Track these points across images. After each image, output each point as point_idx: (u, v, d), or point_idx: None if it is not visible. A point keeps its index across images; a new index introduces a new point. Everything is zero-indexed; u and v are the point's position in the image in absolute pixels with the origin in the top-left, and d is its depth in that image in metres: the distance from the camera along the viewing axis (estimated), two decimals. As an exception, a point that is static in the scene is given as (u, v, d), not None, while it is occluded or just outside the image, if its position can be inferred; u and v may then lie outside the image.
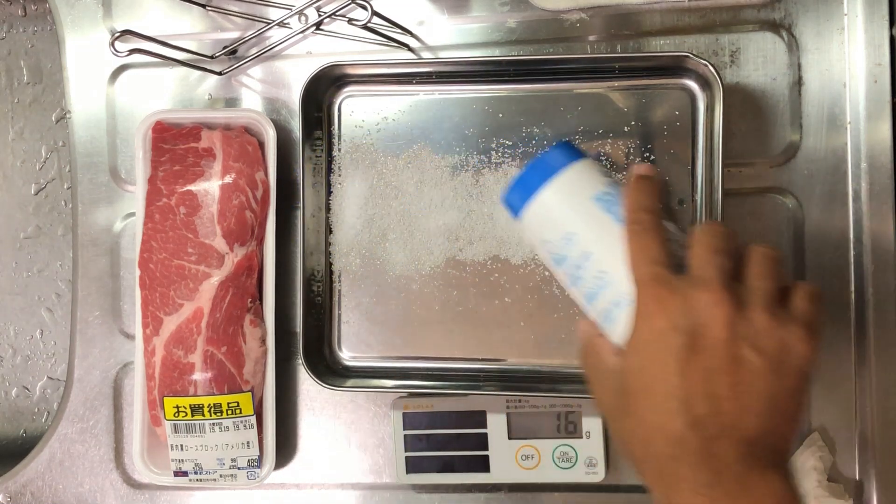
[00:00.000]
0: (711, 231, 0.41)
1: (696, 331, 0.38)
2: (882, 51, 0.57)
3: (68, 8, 0.66)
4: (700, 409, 0.38)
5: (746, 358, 0.38)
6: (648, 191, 0.43)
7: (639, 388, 0.40)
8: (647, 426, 0.39)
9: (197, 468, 0.58)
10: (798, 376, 0.39)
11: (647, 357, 0.40)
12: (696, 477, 0.37)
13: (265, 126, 0.59)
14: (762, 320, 0.38)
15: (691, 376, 0.38)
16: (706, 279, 0.39)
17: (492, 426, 0.59)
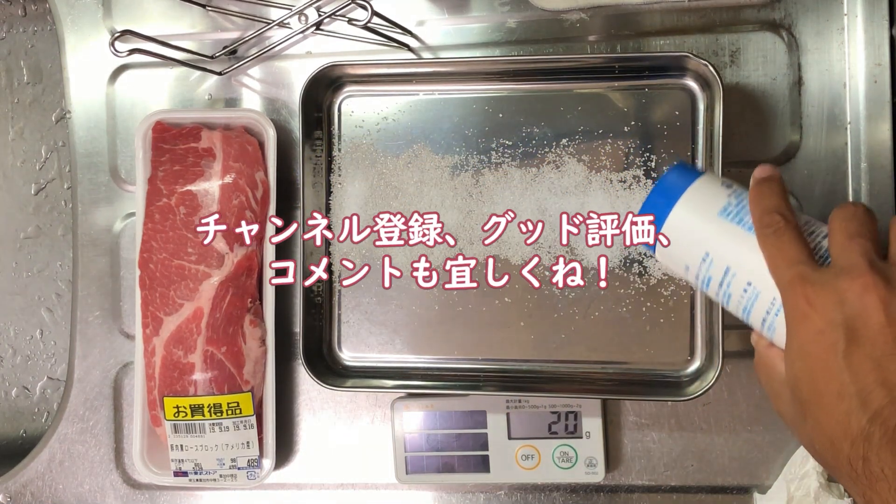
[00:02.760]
0: (846, 213, 0.40)
1: (853, 322, 0.37)
2: (882, 51, 0.57)
3: (68, 8, 0.66)
4: (878, 401, 0.36)
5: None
6: (772, 191, 0.42)
7: (811, 393, 0.39)
8: (828, 430, 0.38)
9: (197, 468, 0.58)
10: None
11: (810, 360, 0.38)
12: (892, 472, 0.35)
13: (265, 126, 0.59)
14: None
15: (860, 369, 0.37)
16: (851, 266, 0.38)
17: (492, 426, 0.59)
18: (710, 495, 0.59)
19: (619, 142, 0.58)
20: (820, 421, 0.38)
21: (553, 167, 0.58)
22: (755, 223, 0.42)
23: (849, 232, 0.39)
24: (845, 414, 0.37)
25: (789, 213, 0.41)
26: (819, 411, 0.38)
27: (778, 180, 0.43)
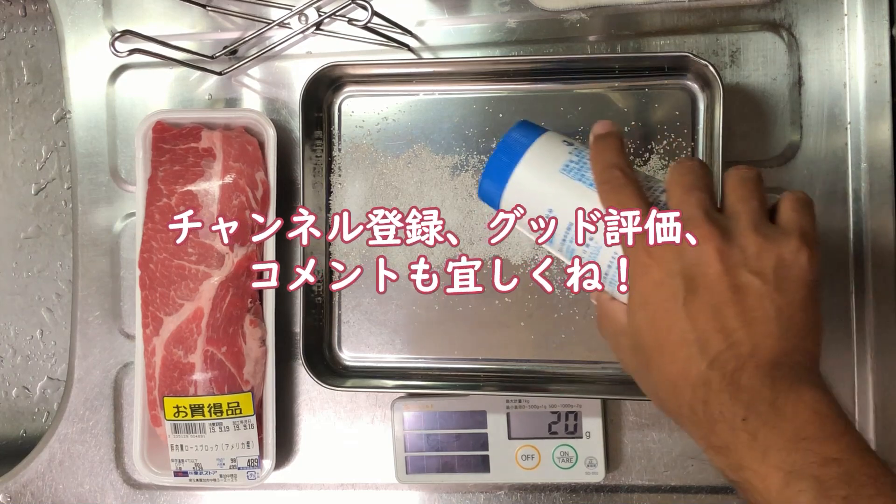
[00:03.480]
0: (682, 168, 0.41)
1: (691, 272, 0.38)
2: (882, 51, 0.57)
3: (68, 8, 0.66)
4: (715, 347, 0.37)
5: (746, 283, 0.38)
6: (610, 147, 0.43)
7: (652, 342, 0.40)
8: (670, 377, 0.39)
9: (197, 468, 0.58)
10: (803, 287, 0.38)
11: (651, 309, 0.39)
12: (730, 413, 0.37)
13: (265, 126, 0.59)
14: (752, 243, 0.38)
15: (698, 317, 0.38)
16: (688, 218, 0.39)
17: (492, 426, 0.59)
18: (710, 495, 0.59)
19: (619, 142, 0.58)
20: (662, 368, 0.39)
21: (553, 167, 0.58)
22: (595, 179, 0.43)
23: (685, 185, 0.40)
24: (686, 360, 0.38)
25: (628, 169, 0.42)
26: (661, 359, 0.39)
27: (616, 136, 0.44)
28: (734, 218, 0.39)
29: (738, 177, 0.41)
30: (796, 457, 0.35)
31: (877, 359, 0.57)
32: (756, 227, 0.39)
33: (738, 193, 0.40)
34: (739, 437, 0.37)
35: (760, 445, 0.36)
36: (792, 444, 0.35)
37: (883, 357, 0.57)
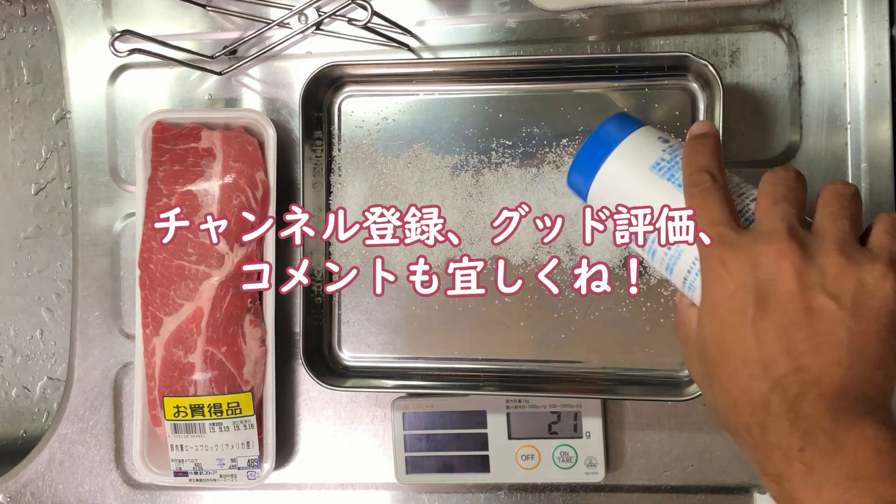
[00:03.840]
0: (774, 178, 0.40)
1: (764, 287, 0.37)
2: (882, 51, 0.57)
3: (68, 8, 0.66)
4: (780, 369, 0.36)
5: (821, 307, 0.36)
6: (704, 150, 0.42)
7: (717, 356, 0.38)
8: (731, 394, 0.38)
9: (197, 468, 0.58)
10: (883, 316, 0.36)
11: (719, 322, 0.38)
12: (787, 442, 0.35)
13: (265, 126, 0.59)
14: (834, 264, 0.36)
15: (766, 336, 0.36)
16: (769, 231, 0.37)
17: (492, 426, 0.59)
18: (710, 495, 0.59)
19: (619, 142, 0.58)
20: (724, 384, 0.38)
21: (553, 167, 0.58)
22: (684, 181, 0.41)
23: (774, 196, 0.39)
24: (748, 379, 0.37)
25: (718, 173, 0.41)
26: (724, 374, 0.38)
27: (713, 137, 0.43)
28: (820, 236, 0.37)
29: (833, 192, 0.39)
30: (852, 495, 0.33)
31: (877, 359, 0.57)
32: (841, 247, 0.37)
33: (829, 210, 0.38)
34: (794, 468, 0.35)
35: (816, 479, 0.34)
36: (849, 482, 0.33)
37: (883, 357, 0.57)
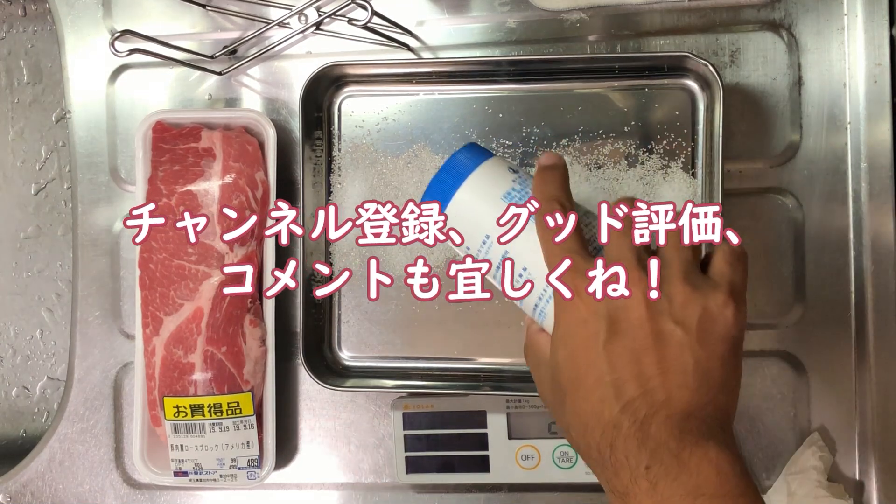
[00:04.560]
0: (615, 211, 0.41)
1: (615, 313, 0.38)
2: (882, 51, 0.57)
3: (68, 8, 0.66)
4: (630, 392, 0.37)
5: (669, 333, 0.38)
6: (553, 180, 0.43)
7: (570, 379, 0.40)
8: (583, 416, 0.39)
9: (197, 468, 0.58)
10: (726, 342, 0.38)
11: (573, 347, 0.39)
12: (635, 460, 0.37)
13: (265, 126, 0.59)
14: (680, 292, 0.38)
15: (618, 360, 0.38)
16: (618, 259, 0.39)
17: (492, 426, 0.59)
18: (710, 495, 0.59)
19: (619, 142, 0.58)
20: (577, 407, 0.39)
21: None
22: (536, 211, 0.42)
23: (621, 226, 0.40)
24: (600, 402, 0.38)
25: (568, 203, 0.42)
26: (577, 397, 0.39)
27: (561, 168, 0.44)
28: (666, 264, 0.39)
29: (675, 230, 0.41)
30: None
31: (877, 359, 0.57)
32: (686, 275, 0.38)
33: (673, 241, 0.40)
34: (640, 485, 0.36)
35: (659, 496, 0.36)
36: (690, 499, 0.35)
37: (883, 357, 0.57)
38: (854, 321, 0.58)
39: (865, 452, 0.57)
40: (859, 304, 0.58)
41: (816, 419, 0.58)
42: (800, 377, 0.58)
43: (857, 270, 0.58)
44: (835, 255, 0.58)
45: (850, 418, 0.57)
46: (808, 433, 0.58)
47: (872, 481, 0.57)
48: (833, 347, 0.58)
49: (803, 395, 0.58)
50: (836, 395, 0.58)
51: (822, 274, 0.58)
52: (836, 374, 0.58)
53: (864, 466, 0.57)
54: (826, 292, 0.58)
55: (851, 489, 0.57)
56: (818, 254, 0.58)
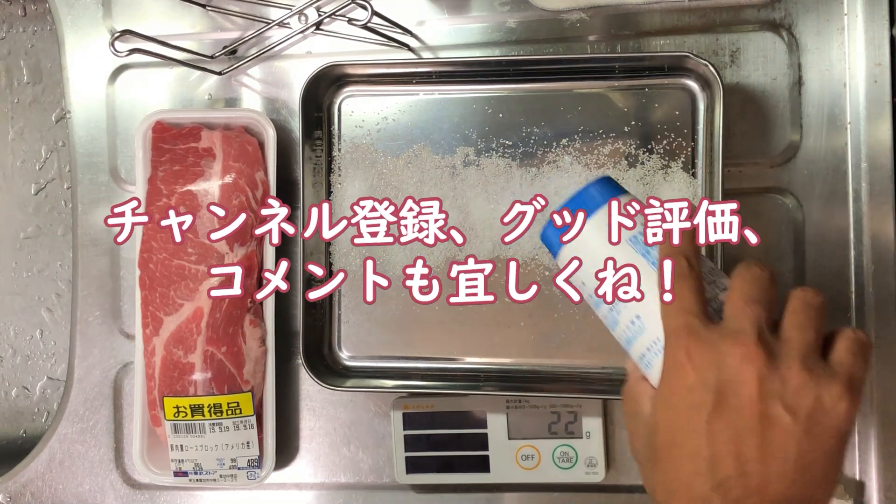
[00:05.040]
0: (749, 276, 0.40)
1: (725, 388, 0.37)
2: (882, 51, 0.57)
3: (68, 8, 0.66)
4: (726, 471, 0.36)
5: (777, 418, 0.36)
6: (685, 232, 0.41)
7: (667, 444, 0.39)
8: (672, 484, 0.38)
9: (197, 468, 0.58)
10: (834, 437, 0.37)
11: (675, 412, 0.38)
12: None
13: (265, 126, 0.59)
14: (796, 376, 0.36)
15: (718, 436, 0.37)
16: (738, 331, 0.38)
17: (492, 426, 0.59)
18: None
19: (619, 142, 0.58)
20: (668, 473, 0.38)
21: (553, 167, 0.58)
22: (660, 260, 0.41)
23: (747, 296, 0.39)
24: (693, 474, 0.37)
25: (695, 260, 0.41)
26: (669, 463, 0.38)
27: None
28: (786, 344, 0.38)
29: (803, 300, 0.39)
30: None
31: (877, 358, 0.57)
32: (804, 360, 0.37)
33: (797, 318, 0.39)
34: None
35: None
36: None
37: (883, 357, 0.57)
38: (854, 321, 0.58)
39: (865, 452, 0.57)
40: (859, 304, 0.58)
41: (816, 419, 0.58)
42: (800, 377, 0.58)
43: (857, 270, 0.58)
44: (835, 255, 0.58)
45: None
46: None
47: (872, 481, 0.57)
48: (833, 347, 0.58)
49: (803, 395, 0.58)
50: None
51: (822, 274, 0.58)
52: (836, 374, 0.58)
53: (864, 466, 0.57)
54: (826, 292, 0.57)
55: (851, 489, 0.57)
56: (818, 254, 0.58)
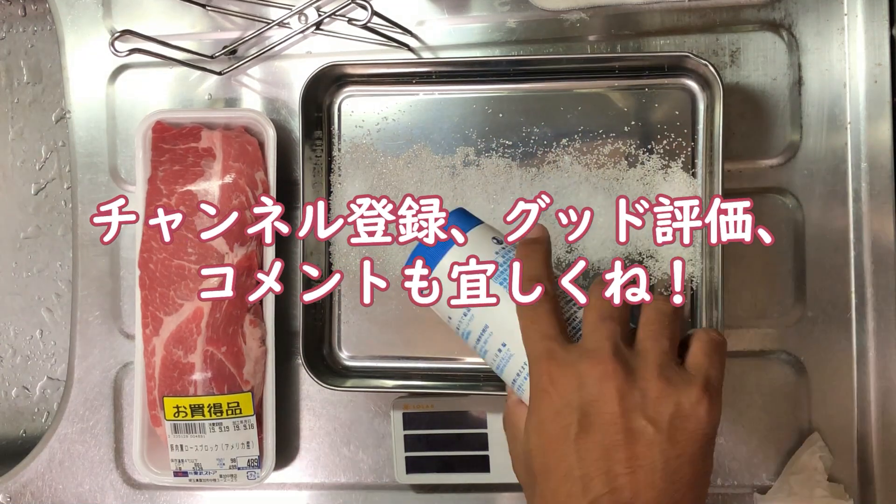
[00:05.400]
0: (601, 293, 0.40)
1: (588, 407, 0.38)
2: (882, 51, 0.57)
3: (68, 8, 0.66)
4: (597, 489, 0.37)
5: (640, 430, 0.37)
6: (535, 256, 0.42)
7: (541, 468, 0.39)
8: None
9: (197, 468, 0.58)
10: (697, 440, 0.37)
11: (546, 436, 0.39)
12: None
13: (265, 126, 0.59)
14: (654, 387, 0.37)
15: (587, 455, 0.37)
16: (595, 349, 0.38)
17: (492, 426, 0.59)
18: (709, 495, 0.59)
19: (619, 142, 0.58)
20: (545, 496, 0.39)
21: (553, 167, 0.58)
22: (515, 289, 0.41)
23: (601, 313, 0.39)
24: (567, 496, 0.38)
25: (549, 283, 0.41)
26: (545, 487, 0.39)
27: (543, 243, 0.43)
28: (642, 356, 0.38)
29: (655, 310, 0.40)
30: None
31: (877, 359, 0.57)
32: (661, 369, 0.38)
33: (651, 329, 0.39)
34: None
35: None
36: None
37: (883, 357, 0.57)
38: (854, 321, 0.58)
39: (865, 452, 0.57)
40: (859, 304, 0.58)
41: (816, 419, 0.58)
42: (800, 377, 0.58)
43: (857, 270, 0.58)
44: (835, 255, 0.58)
45: (850, 418, 0.57)
46: (808, 433, 0.58)
47: (872, 481, 0.57)
48: (833, 347, 0.58)
49: (803, 395, 0.58)
50: (836, 395, 0.58)
51: (822, 274, 0.58)
52: (836, 374, 0.58)
53: (863, 466, 0.57)
54: (826, 292, 0.58)
55: (851, 489, 0.57)
56: (818, 254, 0.58)
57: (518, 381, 0.42)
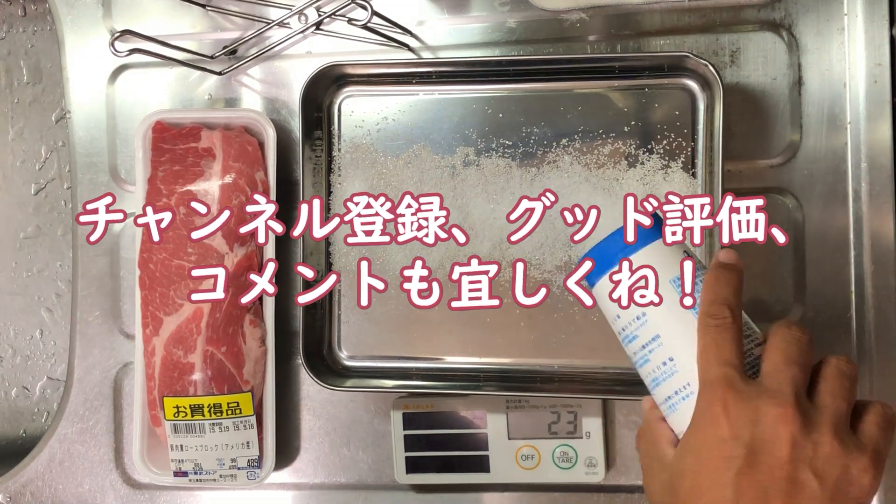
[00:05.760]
0: (790, 337, 0.40)
1: (758, 445, 0.37)
2: (882, 51, 0.57)
3: (68, 8, 0.66)
4: None
5: (805, 482, 0.37)
6: (729, 283, 0.41)
7: (689, 491, 0.39)
8: None
9: (197, 468, 0.58)
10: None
11: (702, 461, 0.39)
12: None
13: (265, 126, 0.59)
14: (828, 444, 0.37)
15: (745, 492, 0.37)
16: (777, 392, 0.38)
17: (492, 426, 0.59)
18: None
19: (619, 142, 0.58)
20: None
21: (553, 167, 0.58)
22: (701, 308, 0.41)
23: (787, 355, 0.39)
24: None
25: (738, 310, 0.41)
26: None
27: (739, 271, 0.42)
28: (821, 410, 0.38)
29: (837, 369, 0.40)
30: None
31: (877, 359, 0.57)
32: (836, 428, 0.38)
33: (832, 386, 0.39)
34: None
35: None
36: None
37: (883, 357, 0.57)
38: (854, 321, 0.58)
39: (865, 452, 0.57)
40: (859, 304, 0.58)
41: (816, 419, 0.58)
42: (800, 377, 0.58)
43: (857, 270, 0.58)
44: (835, 255, 0.58)
45: (850, 418, 0.57)
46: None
47: (872, 481, 0.57)
48: (833, 347, 0.58)
49: (803, 395, 0.58)
50: None
51: (822, 274, 0.58)
52: (836, 374, 0.58)
53: (864, 466, 0.57)
54: (826, 292, 0.58)
55: (851, 489, 0.57)
56: (818, 254, 0.58)
57: (674, 399, 0.41)
